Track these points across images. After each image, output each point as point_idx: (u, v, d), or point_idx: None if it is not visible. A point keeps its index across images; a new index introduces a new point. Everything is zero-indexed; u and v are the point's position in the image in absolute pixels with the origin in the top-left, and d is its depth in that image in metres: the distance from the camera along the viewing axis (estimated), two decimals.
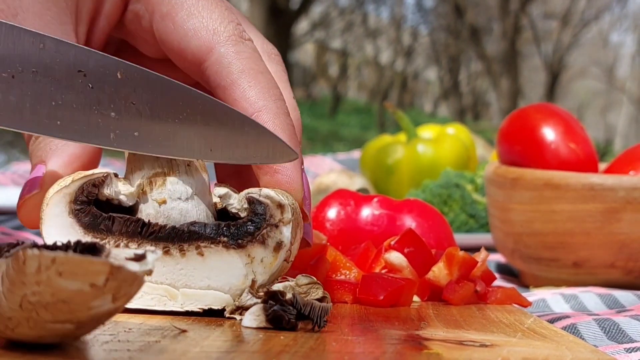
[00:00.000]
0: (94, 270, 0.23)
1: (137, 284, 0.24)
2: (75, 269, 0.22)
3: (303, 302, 0.32)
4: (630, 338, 0.44)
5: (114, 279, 0.23)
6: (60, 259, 0.22)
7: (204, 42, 0.38)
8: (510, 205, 0.64)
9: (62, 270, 0.22)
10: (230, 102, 0.38)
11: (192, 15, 0.38)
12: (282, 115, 0.37)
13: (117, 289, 0.23)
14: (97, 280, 0.23)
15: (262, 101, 0.37)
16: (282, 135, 0.37)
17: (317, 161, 1.48)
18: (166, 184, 0.35)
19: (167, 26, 0.39)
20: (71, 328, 0.24)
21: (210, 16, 0.38)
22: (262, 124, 0.36)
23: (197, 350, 0.27)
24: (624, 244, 0.60)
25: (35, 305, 0.23)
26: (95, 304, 0.23)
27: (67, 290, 0.23)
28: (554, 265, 0.63)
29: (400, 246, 0.45)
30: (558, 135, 0.64)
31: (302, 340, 0.30)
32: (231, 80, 0.38)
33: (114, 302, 0.24)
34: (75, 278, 0.23)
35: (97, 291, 0.23)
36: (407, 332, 0.33)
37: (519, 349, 0.30)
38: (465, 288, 0.43)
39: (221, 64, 0.38)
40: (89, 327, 0.25)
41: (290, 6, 8.72)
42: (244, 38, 0.39)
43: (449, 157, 1.02)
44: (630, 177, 0.60)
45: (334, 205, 0.55)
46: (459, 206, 0.88)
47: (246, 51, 0.38)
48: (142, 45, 0.42)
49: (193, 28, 0.38)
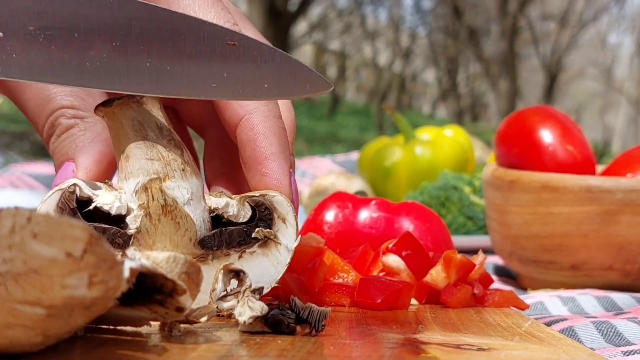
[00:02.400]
0: (72, 235, 0.21)
1: (115, 273, 0.23)
2: (52, 232, 0.21)
3: (302, 306, 0.32)
4: (627, 341, 0.44)
5: (92, 253, 0.22)
6: (36, 217, 0.21)
7: None
8: (508, 207, 0.64)
9: (38, 231, 0.21)
10: (223, 104, 0.38)
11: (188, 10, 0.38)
12: (273, 118, 0.38)
13: (95, 269, 0.22)
14: (74, 248, 0.21)
15: (254, 103, 0.37)
16: (272, 139, 0.37)
17: (315, 163, 1.49)
18: (163, 189, 0.35)
19: None
20: (42, 315, 0.22)
21: (206, 16, 0.38)
22: (253, 127, 0.37)
23: (194, 355, 0.27)
24: (621, 246, 0.60)
25: (4, 277, 0.21)
26: (69, 281, 0.22)
27: (40, 257, 0.21)
28: (552, 267, 0.63)
29: (398, 249, 0.45)
30: (556, 137, 0.64)
31: (300, 344, 0.30)
32: None
33: (90, 289, 0.22)
34: (50, 242, 0.21)
35: (73, 264, 0.21)
36: (404, 335, 0.33)
37: (517, 353, 0.30)
38: (462, 291, 0.43)
39: None
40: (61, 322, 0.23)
41: (289, 7, 8.72)
42: None
43: (447, 159, 1.02)
44: (628, 180, 0.60)
45: (331, 208, 0.55)
46: (456, 208, 0.88)
47: None
48: None
49: None
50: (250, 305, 0.32)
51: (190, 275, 0.29)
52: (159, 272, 0.28)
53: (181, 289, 0.28)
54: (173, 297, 0.28)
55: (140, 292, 0.28)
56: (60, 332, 0.23)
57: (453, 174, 0.92)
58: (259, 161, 0.37)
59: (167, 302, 0.28)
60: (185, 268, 0.29)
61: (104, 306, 0.25)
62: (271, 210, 0.36)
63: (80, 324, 0.24)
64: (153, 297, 0.28)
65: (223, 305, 0.32)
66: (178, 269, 0.28)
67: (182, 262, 0.29)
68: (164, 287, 0.28)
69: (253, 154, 0.37)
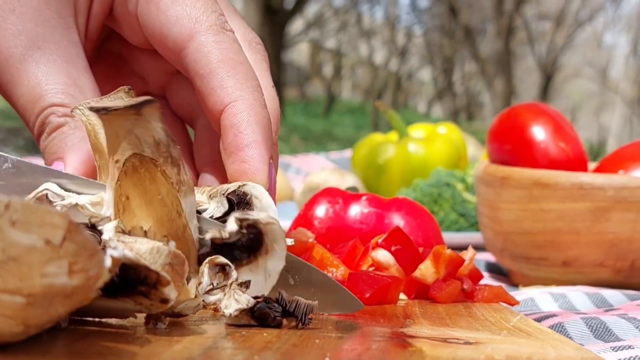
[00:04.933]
0: (51, 222, 0.21)
1: (96, 262, 0.22)
2: (31, 218, 0.21)
3: (289, 299, 0.32)
4: (617, 337, 0.44)
5: (72, 241, 0.21)
6: (15, 204, 0.20)
7: (185, 30, 0.38)
8: (499, 204, 0.64)
9: (16, 218, 0.20)
10: (208, 91, 0.38)
11: (176, 3, 0.39)
12: (258, 107, 0.38)
13: (75, 257, 0.22)
14: (53, 235, 0.21)
15: (239, 91, 0.37)
16: (255, 127, 0.37)
17: (309, 160, 1.48)
18: None
19: (151, 11, 0.39)
20: (21, 303, 0.22)
21: (194, 5, 0.39)
22: (237, 114, 0.37)
23: (179, 347, 0.27)
24: (612, 243, 0.60)
25: None
26: (49, 269, 0.21)
27: (19, 245, 0.21)
28: (543, 264, 0.63)
29: (388, 244, 0.45)
30: (548, 134, 0.64)
31: (285, 337, 0.30)
32: (210, 69, 0.38)
33: (70, 277, 0.22)
34: (29, 229, 0.21)
35: (52, 252, 0.21)
36: (392, 329, 0.33)
37: (504, 347, 0.30)
38: (452, 286, 0.43)
39: (201, 52, 0.38)
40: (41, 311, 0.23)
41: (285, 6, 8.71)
42: (225, 29, 0.39)
43: (440, 156, 1.02)
44: (619, 177, 0.60)
45: (322, 203, 0.55)
46: (449, 205, 0.88)
47: (226, 41, 0.38)
48: (127, 32, 0.43)
49: (176, 15, 0.39)
50: (236, 298, 0.32)
51: (175, 266, 0.29)
52: (142, 263, 0.27)
53: (165, 280, 0.28)
54: (157, 288, 0.28)
55: (125, 284, 0.28)
56: (41, 321, 0.23)
57: (446, 171, 0.92)
58: (240, 148, 0.37)
59: (151, 293, 0.28)
60: (169, 259, 0.28)
61: (86, 295, 0.24)
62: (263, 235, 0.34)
63: (61, 313, 0.23)
64: (137, 288, 0.28)
65: (209, 299, 0.32)
66: (162, 260, 0.28)
67: (166, 254, 0.28)
68: (148, 279, 0.28)
69: (235, 140, 0.37)
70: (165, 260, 0.28)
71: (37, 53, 0.38)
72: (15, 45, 0.37)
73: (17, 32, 0.37)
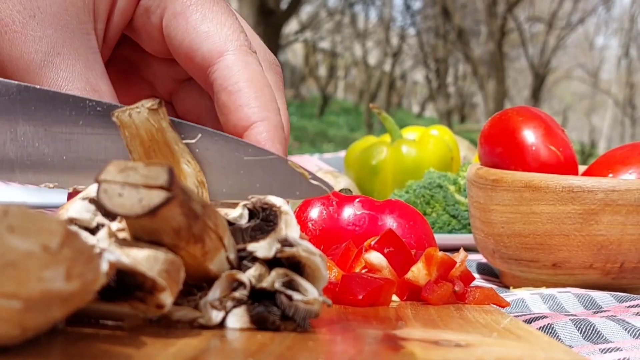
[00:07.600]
0: (49, 228, 0.21)
1: (93, 267, 0.22)
2: (29, 225, 0.21)
3: (288, 303, 0.32)
4: (605, 339, 0.44)
5: (69, 246, 0.22)
6: (13, 211, 0.21)
7: (215, 47, 0.40)
8: (490, 206, 0.65)
9: (15, 224, 0.21)
10: (235, 107, 0.39)
11: (206, 19, 0.40)
12: (280, 130, 0.40)
13: (72, 262, 0.22)
14: (50, 241, 0.21)
15: (265, 112, 0.39)
16: (279, 147, 0.39)
17: (303, 161, 1.49)
18: None
19: (179, 25, 0.40)
20: (19, 308, 0.22)
21: (224, 23, 0.40)
22: (263, 132, 0.39)
23: (174, 350, 0.27)
24: (602, 245, 0.61)
25: None
26: (46, 274, 0.22)
27: (17, 251, 0.21)
28: (534, 266, 0.63)
29: (380, 246, 0.45)
30: (538, 137, 0.65)
31: (279, 340, 0.30)
32: (239, 87, 0.39)
33: (67, 281, 0.22)
34: (27, 235, 0.21)
35: (50, 257, 0.22)
36: (384, 331, 0.33)
37: (494, 349, 0.30)
38: (443, 288, 0.43)
39: (231, 70, 0.40)
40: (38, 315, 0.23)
41: (280, 6, 8.71)
42: (252, 50, 0.41)
43: (433, 158, 1.03)
44: (609, 180, 0.61)
45: (316, 205, 0.55)
46: (441, 207, 0.88)
47: (254, 62, 0.40)
48: (146, 42, 0.43)
49: (207, 31, 0.40)
50: (236, 313, 0.32)
51: (171, 273, 0.29)
52: (139, 269, 0.28)
53: (161, 287, 0.28)
54: (153, 294, 0.28)
55: (122, 288, 0.29)
56: (39, 325, 0.23)
57: (438, 173, 0.93)
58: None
59: (147, 299, 0.29)
60: (165, 266, 0.29)
61: (83, 299, 0.25)
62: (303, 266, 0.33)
63: (58, 317, 0.24)
64: (134, 293, 0.29)
65: (210, 313, 0.32)
66: (158, 266, 0.28)
67: (163, 260, 0.29)
68: (144, 285, 0.28)
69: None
70: (161, 267, 0.28)
71: (57, 59, 0.38)
72: (35, 51, 0.38)
73: (37, 38, 0.38)
